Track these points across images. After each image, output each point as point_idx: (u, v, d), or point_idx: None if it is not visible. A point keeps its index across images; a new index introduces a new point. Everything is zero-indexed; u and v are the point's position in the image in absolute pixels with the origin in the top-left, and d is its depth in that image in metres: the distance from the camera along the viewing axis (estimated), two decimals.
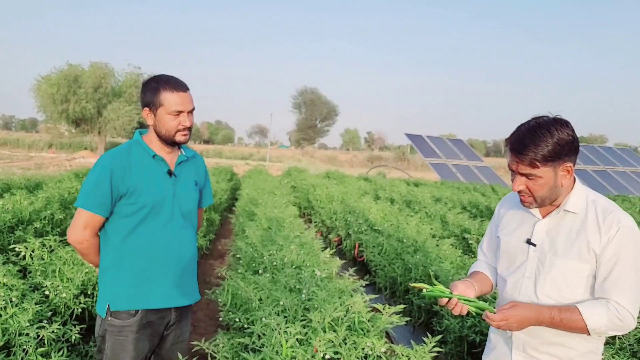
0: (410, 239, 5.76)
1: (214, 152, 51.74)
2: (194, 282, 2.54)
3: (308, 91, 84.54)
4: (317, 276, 3.28)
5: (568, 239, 1.83)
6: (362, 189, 11.68)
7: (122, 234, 2.30)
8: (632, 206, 11.08)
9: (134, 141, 2.40)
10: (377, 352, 2.15)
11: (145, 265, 2.32)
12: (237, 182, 14.54)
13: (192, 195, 2.50)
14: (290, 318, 2.64)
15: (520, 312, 1.75)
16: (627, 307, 1.72)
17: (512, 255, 1.98)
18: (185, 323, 2.53)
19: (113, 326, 2.29)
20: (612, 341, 3.15)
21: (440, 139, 23.03)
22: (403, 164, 46.53)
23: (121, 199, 2.28)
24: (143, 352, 2.33)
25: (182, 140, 2.36)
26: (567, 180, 1.82)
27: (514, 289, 1.94)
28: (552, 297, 1.83)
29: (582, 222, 1.83)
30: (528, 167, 1.77)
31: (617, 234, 1.75)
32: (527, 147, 1.75)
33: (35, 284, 3.33)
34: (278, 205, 6.81)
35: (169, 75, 2.35)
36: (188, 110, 2.34)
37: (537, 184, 1.80)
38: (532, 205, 1.87)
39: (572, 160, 1.80)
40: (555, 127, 1.76)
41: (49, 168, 23.15)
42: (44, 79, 36.17)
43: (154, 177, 2.34)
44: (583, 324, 1.73)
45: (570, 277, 1.81)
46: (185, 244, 2.44)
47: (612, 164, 22.19)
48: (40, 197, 6.03)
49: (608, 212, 1.79)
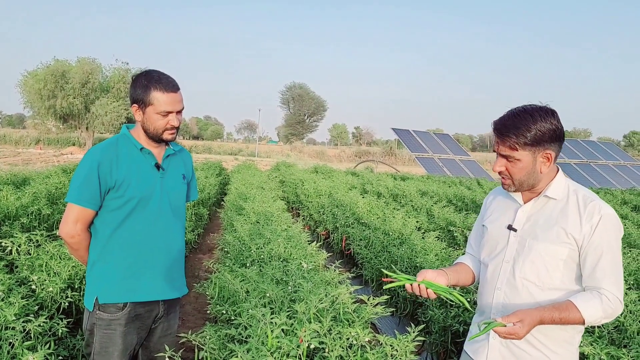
0: (396, 232, 5.83)
1: (203, 147, 51.50)
2: (181, 275, 2.55)
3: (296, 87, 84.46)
4: (304, 268, 3.32)
5: (547, 223, 1.89)
6: (350, 184, 11.73)
7: (110, 228, 2.30)
8: (614, 199, 11.26)
9: (121, 135, 2.40)
10: (361, 342, 2.20)
11: (134, 258, 2.32)
12: (226, 177, 14.53)
13: (180, 188, 2.50)
14: (277, 309, 2.68)
15: (525, 318, 1.76)
16: (617, 294, 1.80)
17: (494, 241, 2.03)
18: (173, 316, 2.53)
19: (101, 320, 2.28)
20: (591, 329, 3.22)
21: (427, 134, 23.15)
22: (390, 158, 46.67)
23: (109, 192, 2.27)
24: (131, 345, 2.34)
25: (169, 138, 2.37)
26: (547, 168, 1.88)
27: (494, 274, 2.00)
28: (530, 280, 1.89)
29: (563, 209, 1.88)
30: (507, 149, 1.85)
31: (600, 222, 1.81)
32: (509, 129, 1.83)
33: (22, 278, 3.33)
34: (266, 199, 6.84)
35: (160, 73, 2.33)
36: (177, 111, 2.33)
37: (515, 166, 1.87)
38: (511, 188, 1.94)
39: (554, 148, 1.86)
40: (540, 113, 1.82)
41: (36, 164, 22.93)
42: (31, 75, 35.73)
43: (142, 170, 2.34)
44: (581, 319, 1.77)
45: (548, 260, 1.87)
46: (173, 237, 2.45)
47: (595, 157, 22.45)
48: (27, 192, 6.00)
49: (589, 201, 1.85)
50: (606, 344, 2.78)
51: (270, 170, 16.21)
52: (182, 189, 2.53)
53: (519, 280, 1.91)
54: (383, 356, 2.15)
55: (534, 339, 1.89)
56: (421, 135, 22.53)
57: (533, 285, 1.89)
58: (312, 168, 16.75)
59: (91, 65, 36.68)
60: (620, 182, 20.35)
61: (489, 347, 2.00)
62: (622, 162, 22.76)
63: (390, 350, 2.15)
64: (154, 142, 2.38)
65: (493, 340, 1.98)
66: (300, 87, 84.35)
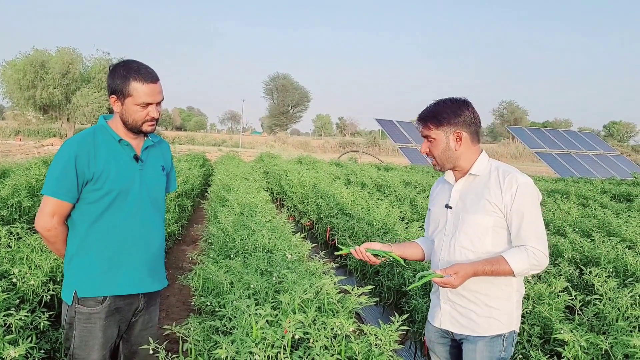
0: (380, 222, 5.85)
1: (186, 138, 51.11)
2: (161, 267, 2.52)
3: (280, 77, 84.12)
4: (288, 259, 3.32)
5: (475, 197, 2.23)
6: (334, 174, 11.74)
7: (88, 221, 2.26)
8: (594, 188, 11.42)
9: (98, 126, 2.35)
10: (345, 332, 2.21)
11: (113, 252, 2.29)
12: (209, 168, 14.46)
13: (160, 180, 2.48)
14: (261, 300, 2.68)
15: (460, 270, 2.11)
16: (540, 248, 2.13)
17: (436, 220, 2.41)
18: (154, 309, 2.52)
19: (81, 314, 2.26)
20: (571, 317, 3.28)
21: (411, 124, 23.24)
22: (374, 149, 46.82)
23: (87, 185, 2.24)
24: (112, 338, 2.32)
25: (149, 130, 2.33)
26: (459, 146, 2.24)
27: (438, 247, 2.36)
28: (466, 247, 2.23)
29: (486, 183, 2.22)
30: (426, 129, 2.28)
31: (518, 190, 2.14)
32: (427, 114, 2.28)
33: (2, 271, 3.28)
34: (250, 190, 6.82)
35: (139, 64, 2.28)
36: (157, 102, 2.30)
37: (433, 145, 2.28)
38: (436, 167, 2.35)
39: (466, 130, 2.23)
40: (452, 101, 2.26)
41: (16, 155, 22.57)
42: (9, 65, 35.09)
43: (120, 162, 2.30)
44: (510, 270, 2.11)
45: (478, 229, 2.20)
46: (153, 230, 2.42)
47: (576, 147, 22.75)
48: (7, 184, 5.91)
49: (507, 174, 2.19)
50: (586, 331, 2.83)
51: (254, 161, 16.17)
52: (162, 181, 2.50)
53: (457, 249, 2.25)
54: (367, 346, 2.16)
55: (476, 298, 2.23)
56: (405, 125, 22.61)
57: (469, 252, 2.22)
58: (296, 159, 16.73)
59: (71, 55, 36.14)
60: (600, 171, 20.65)
61: (442, 311, 2.33)
62: (602, 152, 23.10)
63: (375, 339, 2.17)
64: (133, 134, 2.34)
65: (444, 304, 2.32)
66: (284, 77, 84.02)
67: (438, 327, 2.36)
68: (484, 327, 2.21)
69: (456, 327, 2.28)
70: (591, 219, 6.61)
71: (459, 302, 2.27)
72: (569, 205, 7.63)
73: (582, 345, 2.53)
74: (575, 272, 4.13)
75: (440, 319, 2.33)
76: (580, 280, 4.10)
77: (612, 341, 2.55)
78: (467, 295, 2.24)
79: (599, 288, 3.31)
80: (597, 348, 2.59)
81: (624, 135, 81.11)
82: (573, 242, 4.91)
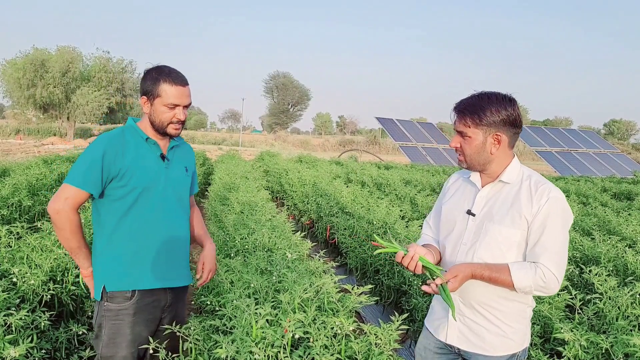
0: (380, 221, 5.85)
1: (187, 137, 51.00)
2: (186, 264, 2.58)
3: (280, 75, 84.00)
4: (288, 258, 3.33)
5: (503, 206, 2.01)
6: (334, 173, 11.74)
7: (115, 217, 2.33)
8: (594, 186, 11.42)
9: (127, 126, 2.45)
10: (345, 331, 2.21)
11: (139, 246, 2.35)
12: (210, 167, 14.44)
13: (184, 179, 2.56)
14: (261, 300, 2.68)
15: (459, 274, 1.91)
16: (553, 270, 1.90)
17: (452, 222, 2.14)
18: (182, 305, 2.57)
19: (109, 311, 2.31)
20: (571, 316, 3.28)
21: (411, 123, 23.23)
22: (374, 147, 46.80)
23: (112, 182, 2.30)
24: (141, 337, 2.35)
25: (174, 133, 2.42)
26: (496, 150, 2.00)
27: (452, 255, 2.11)
28: (485, 260, 1.99)
29: (517, 193, 2.00)
30: (462, 126, 2.01)
31: (547, 203, 1.93)
32: (466, 108, 2.00)
33: (3, 271, 3.29)
34: (250, 189, 6.82)
35: (171, 68, 2.40)
36: (184, 105, 2.39)
37: (467, 143, 2.03)
38: (463, 164, 2.10)
39: (506, 133, 1.99)
40: (497, 98, 1.97)
41: (16, 154, 22.55)
42: (9, 63, 35.11)
43: (147, 160, 2.39)
44: (510, 282, 1.91)
45: (502, 242, 1.98)
46: (178, 226, 2.49)
47: (576, 145, 22.73)
48: (8, 183, 5.91)
49: (540, 184, 1.98)
50: (586, 330, 2.83)
51: (254, 160, 16.15)
52: (186, 181, 2.58)
53: (475, 261, 2.01)
54: (367, 345, 2.17)
55: (490, 314, 2.01)
56: (405, 124, 22.60)
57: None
58: (296, 157, 16.72)
59: (71, 54, 36.14)
60: (601, 169, 20.65)
61: (449, 325, 2.10)
62: (602, 150, 23.09)
63: (375, 339, 2.17)
64: (159, 135, 2.43)
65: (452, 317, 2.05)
66: (284, 75, 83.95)
67: (443, 341, 2.14)
68: (497, 347, 2.02)
69: (465, 344, 2.07)
70: (591, 218, 6.61)
71: (470, 316, 2.05)
72: (569, 203, 7.62)
73: (583, 344, 2.53)
74: (575, 270, 4.13)
75: (447, 333, 2.12)
76: (580, 279, 4.10)
77: (612, 340, 2.55)
78: (481, 311, 2.03)
79: (599, 287, 3.31)
80: (598, 347, 2.59)
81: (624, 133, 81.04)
82: (573, 240, 4.91)
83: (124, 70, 39.44)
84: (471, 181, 2.13)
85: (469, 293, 2.03)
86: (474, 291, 2.02)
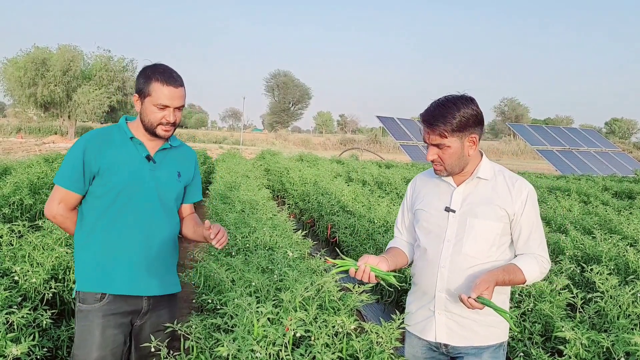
0: (381, 220, 5.85)
1: (187, 135, 51.00)
2: (169, 271, 2.44)
3: (281, 74, 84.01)
4: (289, 257, 3.33)
5: (483, 202, 2.08)
6: (335, 172, 11.74)
7: (95, 215, 2.29)
8: (595, 185, 11.40)
9: (117, 125, 2.41)
10: (347, 330, 2.21)
11: (113, 249, 2.27)
12: (210, 165, 14.43)
13: (172, 184, 2.42)
14: (262, 298, 2.68)
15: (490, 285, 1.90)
16: (546, 256, 2.09)
17: (433, 224, 2.16)
18: (165, 312, 2.43)
19: (81, 311, 2.26)
20: (572, 315, 3.28)
21: (411, 121, 23.21)
22: (375, 146, 46.77)
23: (94, 179, 2.27)
24: (112, 342, 2.25)
25: (163, 135, 2.32)
26: (473, 151, 2.06)
27: (436, 254, 2.13)
28: (472, 255, 2.06)
29: (493, 187, 2.09)
30: (438, 137, 2.01)
31: (528, 198, 2.06)
32: (437, 119, 1.99)
33: (4, 269, 3.29)
34: (251, 188, 6.82)
35: (166, 67, 2.32)
36: (175, 107, 2.29)
37: (446, 153, 2.03)
38: (443, 174, 2.11)
39: (477, 132, 2.04)
40: (462, 101, 2.00)
41: (17, 153, 22.56)
42: (10, 62, 35.21)
43: (130, 159, 2.31)
44: (524, 279, 2.01)
45: (487, 235, 2.06)
46: (159, 232, 2.36)
47: (577, 144, 22.70)
48: (9, 182, 5.92)
49: (515, 179, 2.09)
50: (587, 329, 2.83)
51: (255, 159, 16.15)
52: (174, 186, 2.43)
53: (462, 257, 2.07)
54: (368, 343, 2.17)
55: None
56: (405, 122, 22.59)
57: (474, 260, 2.06)
58: (297, 156, 16.72)
59: (72, 53, 36.20)
60: (602, 168, 20.63)
61: (436, 323, 2.14)
62: (603, 149, 23.07)
63: (376, 337, 2.17)
64: (150, 135, 2.35)
65: (439, 316, 2.13)
66: (285, 74, 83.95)
67: (431, 341, 2.17)
68: (487, 337, 2.10)
69: (455, 339, 2.11)
70: (592, 216, 6.61)
71: (457, 312, 2.09)
72: (570, 202, 7.62)
73: (584, 343, 2.53)
74: (576, 269, 4.13)
75: (435, 332, 2.15)
76: (581, 278, 4.10)
77: (613, 339, 2.55)
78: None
79: (600, 286, 3.31)
80: (599, 346, 2.59)
81: (625, 132, 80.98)
82: (574, 239, 4.91)
83: (125, 68, 39.48)
84: (444, 180, 2.17)
85: (456, 289, 2.07)
86: (461, 287, 2.06)
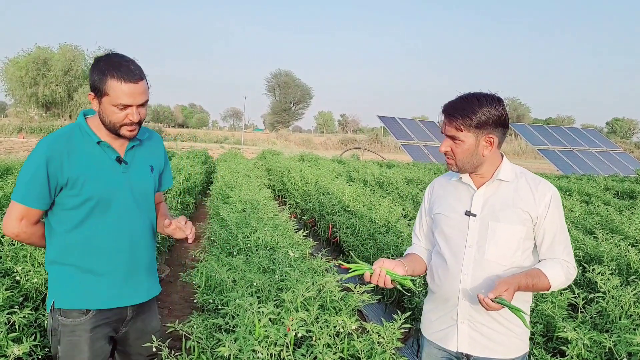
0: (382, 220, 5.85)
1: (188, 135, 50.98)
2: (151, 276, 2.29)
3: (282, 74, 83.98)
4: (291, 257, 3.33)
5: (505, 205, 1.99)
6: (336, 171, 11.73)
7: (66, 228, 2.05)
8: (596, 185, 11.39)
9: (76, 124, 2.09)
10: (348, 330, 2.21)
11: (94, 262, 2.07)
12: (211, 165, 14.45)
13: (148, 182, 2.23)
14: (264, 298, 2.68)
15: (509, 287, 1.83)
16: (572, 262, 2.00)
17: (453, 228, 2.07)
18: (148, 316, 2.30)
19: (64, 326, 2.05)
20: (574, 315, 3.27)
21: (413, 121, 23.21)
22: (376, 146, 46.75)
23: (62, 191, 2.02)
24: (102, 352, 2.12)
25: (128, 135, 2.07)
26: (489, 152, 1.97)
27: (457, 260, 2.03)
28: (495, 260, 1.97)
29: (515, 190, 2.00)
30: (453, 129, 1.95)
31: (552, 201, 1.96)
32: (456, 111, 1.94)
33: (6, 269, 3.29)
34: (253, 188, 6.82)
35: (122, 58, 2.00)
36: (138, 104, 2.01)
37: (459, 147, 1.96)
38: (453, 168, 2.04)
39: (497, 134, 1.96)
40: (487, 99, 1.93)
41: (19, 153, 22.58)
42: (12, 62, 35.30)
43: (101, 166, 2.07)
44: (548, 285, 1.92)
45: (510, 239, 1.97)
46: (139, 238, 2.18)
47: (578, 144, 22.67)
48: (10, 182, 5.92)
49: (538, 181, 2.01)
50: (589, 329, 2.83)
51: (256, 159, 16.15)
52: (150, 183, 2.25)
53: (485, 263, 1.98)
54: (370, 344, 2.17)
55: (500, 316, 1.98)
56: (407, 122, 22.59)
57: (497, 265, 1.97)
58: (298, 156, 16.73)
59: (73, 53, 36.30)
60: (603, 168, 20.59)
61: (458, 332, 2.04)
62: (604, 149, 23.03)
63: (377, 337, 2.17)
64: (114, 134, 2.09)
65: (462, 325, 2.03)
66: (286, 74, 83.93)
67: (452, 351, 2.06)
68: (509, 348, 2.00)
69: (477, 349, 2.01)
70: (594, 216, 6.60)
71: (481, 320, 2.00)
72: (572, 202, 7.61)
73: (586, 343, 2.53)
74: (578, 269, 4.12)
75: (457, 342, 2.03)
76: (583, 278, 4.09)
77: (615, 339, 2.54)
78: (492, 313, 1.97)
79: (602, 286, 3.30)
80: (601, 346, 2.59)
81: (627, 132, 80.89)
82: (576, 239, 4.90)
83: None
84: (464, 182, 2.08)
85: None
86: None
